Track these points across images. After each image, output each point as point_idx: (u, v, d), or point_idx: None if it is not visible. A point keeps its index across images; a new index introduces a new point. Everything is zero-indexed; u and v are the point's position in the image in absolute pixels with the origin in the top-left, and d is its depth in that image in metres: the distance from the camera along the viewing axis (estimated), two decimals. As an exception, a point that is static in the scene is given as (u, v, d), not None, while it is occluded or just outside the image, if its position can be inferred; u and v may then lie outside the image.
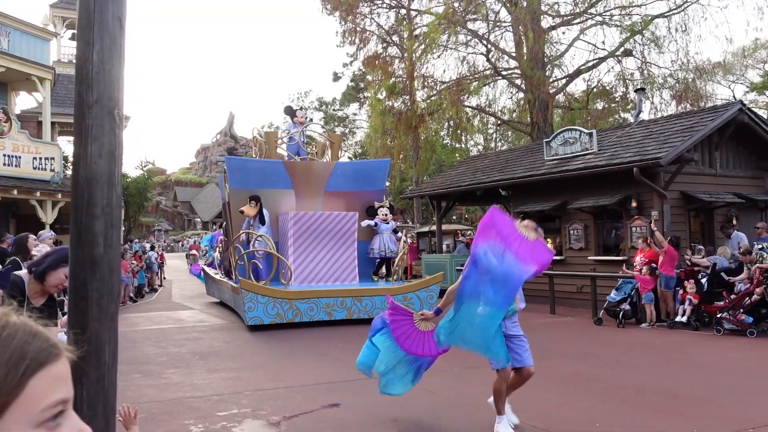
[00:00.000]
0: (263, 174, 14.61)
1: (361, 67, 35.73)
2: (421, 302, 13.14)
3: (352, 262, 14.32)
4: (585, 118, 26.33)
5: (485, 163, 21.25)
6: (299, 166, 15.09)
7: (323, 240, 14.06)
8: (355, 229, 14.32)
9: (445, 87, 25.78)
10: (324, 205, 15.07)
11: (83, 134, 2.33)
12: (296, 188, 14.97)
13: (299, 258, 13.94)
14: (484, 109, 27.92)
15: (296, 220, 13.93)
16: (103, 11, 2.33)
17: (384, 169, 15.88)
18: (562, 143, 16.71)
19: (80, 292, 2.32)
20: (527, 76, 23.22)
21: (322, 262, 14.08)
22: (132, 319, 14.66)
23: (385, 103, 28.60)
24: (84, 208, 2.32)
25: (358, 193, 15.31)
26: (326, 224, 14.05)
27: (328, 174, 15.17)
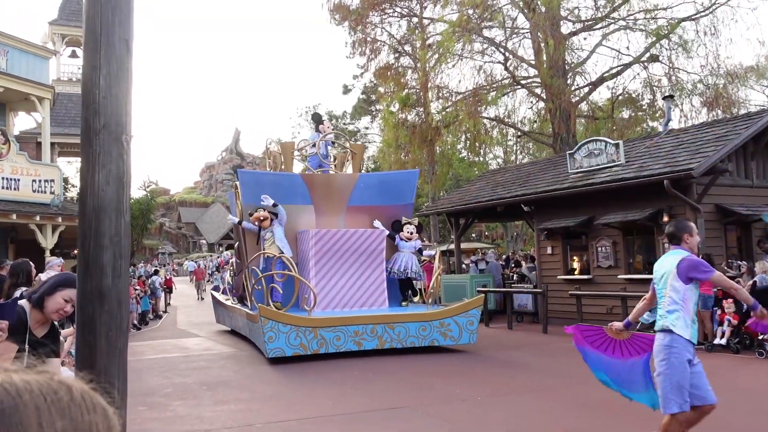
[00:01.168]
0: (279, 188, 14.08)
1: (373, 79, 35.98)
2: (460, 329, 12.56)
3: (381, 285, 13.69)
4: (610, 128, 26.28)
5: (506, 177, 21.24)
6: (319, 179, 14.58)
7: (348, 260, 13.49)
8: (383, 248, 13.73)
9: (461, 98, 25.88)
10: (346, 222, 14.51)
11: (90, 161, 2.37)
12: (316, 203, 14.44)
13: (322, 281, 13.34)
14: (503, 120, 27.97)
15: (318, 238, 13.31)
16: (110, 34, 2.39)
17: (412, 181, 15.23)
18: (587, 155, 16.67)
19: (88, 326, 2.35)
20: (547, 85, 23.27)
21: (347, 285, 13.49)
22: (135, 347, 14.71)
23: (398, 116, 28.75)
24: (92, 239, 2.36)
25: (384, 208, 14.70)
26: (351, 243, 13.45)
27: (350, 187, 14.62)
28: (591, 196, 16.00)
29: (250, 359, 12.41)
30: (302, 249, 14.00)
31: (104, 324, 2.34)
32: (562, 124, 23.57)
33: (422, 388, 9.21)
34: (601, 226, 15.81)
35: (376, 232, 13.68)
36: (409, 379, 9.89)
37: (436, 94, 27.15)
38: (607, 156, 16.17)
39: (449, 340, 12.55)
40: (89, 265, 2.36)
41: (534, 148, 38.48)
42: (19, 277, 6.50)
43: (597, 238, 16.22)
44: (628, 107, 27.42)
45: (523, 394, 8.74)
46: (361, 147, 17.71)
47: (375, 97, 39.42)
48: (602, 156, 16.30)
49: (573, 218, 16.61)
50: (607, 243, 15.96)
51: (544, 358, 11.92)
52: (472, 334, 12.69)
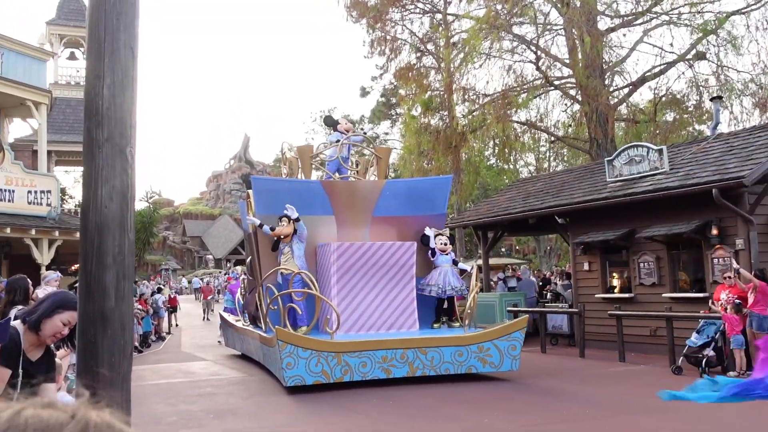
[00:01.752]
0: (297, 197, 13.80)
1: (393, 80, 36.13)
2: (501, 354, 12.17)
3: (411, 304, 13.34)
4: (653, 133, 26.13)
5: (538, 186, 21.19)
6: (341, 187, 14.37)
7: (374, 277, 13.17)
8: (413, 263, 13.37)
9: (488, 100, 25.91)
10: (371, 234, 14.23)
11: (93, 176, 2.42)
12: (337, 214, 14.21)
13: (345, 300, 13.00)
14: (535, 125, 27.91)
15: (340, 252, 13.02)
16: (115, 40, 2.45)
17: (445, 188, 14.96)
18: (627, 162, 16.60)
19: (90, 352, 2.39)
20: (583, 86, 23.22)
21: (373, 305, 13.13)
22: (137, 371, 14.83)
23: (420, 120, 28.84)
24: (94, 257, 2.41)
25: (413, 219, 14.41)
26: (377, 257, 13.14)
27: (376, 195, 14.36)
28: (632, 207, 15.90)
29: (261, 386, 12.45)
30: (322, 264, 13.73)
31: (107, 349, 2.39)
32: (600, 128, 23.49)
33: (449, 418, 9.18)
34: (644, 239, 15.71)
35: (405, 245, 13.38)
36: (435, 408, 9.87)
37: (461, 97, 27.20)
38: (650, 163, 16.09)
39: (489, 366, 12.18)
40: (91, 286, 2.41)
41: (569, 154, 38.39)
42: (15, 294, 6.57)
43: (639, 253, 16.10)
44: (673, 109, 27.26)
45: (559, 424, 8.68)
46: (387, 150, 17.18)
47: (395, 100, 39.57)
48: (644, 163, 16.21)
49: (612, 231, 16.52)
50: (650, 258, 15.84)
51: (582, 385, 11.84)
52: (514, 360, 12.28)
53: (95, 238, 2.41)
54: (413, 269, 13.42)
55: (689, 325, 13.66)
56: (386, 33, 29.74)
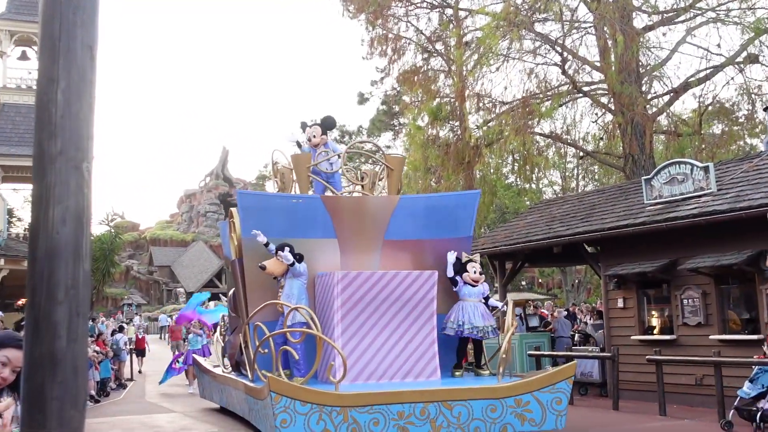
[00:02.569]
0: (293, 215, 13.40)
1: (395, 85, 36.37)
2: (543, 409, 11.59)
3: (431, 347, 12.75)
4: (698, 147, 26.24)
5: (564, 209, 21.22)
6: (346, 204, 13.94)
7: (386, 314, 12.62)
8: (434, 296, 12.78)
9: (507, 109, 26.04)
10: (382, 261, 13.72)
11: (44, 195, 2.42)
12: (341, 236, 13.70)
13: (351, 342, 12.43)
14: (561, 137, 28.02)
15: (346, 283, 12.43)
16: (71, 39, 2.46)
17: (471, 205, 14.50)
18: (668, 181, 16.65)
19: (36, 401, 2.38)
20: (617, 93, 23.34)
21: (385, 348, 12.59)
22: (93, 425, 14.75)
23: (427, 132, 28.96)
24: (43, 290, 2.40)
25: (433, 242, 13.97)
26: (390, 290, 12.58)
27: (388, 214, 13.84)
28: (673, 235, 15.91)
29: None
30: (323, 298, 13.14)
31: (56, 398, 2.38)
32: (636, 141, 23.58)
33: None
34: (688, 272, 15.70)
35: (424, 275, 12.79)
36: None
37: (475, 105, 27.35)
38: (694, 182, 16.13)
39: (528, 424, 11.58)
40: (39, 324, 2.41)
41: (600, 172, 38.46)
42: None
43: (682, 288, 16.08)
44: (720, 120, 27.38)
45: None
46: (400, 160, 16.36)
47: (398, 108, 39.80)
48: (687, 182, 16.26)
49: (651, 262, 16.52)
50: (695, 294, 15.82)
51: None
52: (559, 417, 11.70)
53: (45, 268, 2.41)
54: (434, 304, 12.81)
55: (741, 373, 13.59)
56: (388, 30, 29.94)
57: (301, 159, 14.75)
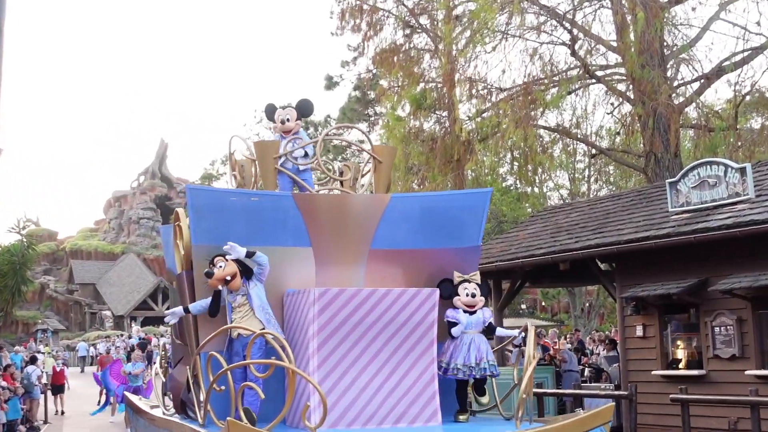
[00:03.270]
0: (257, 218, 12.77)
1: (371, 67, 36.26)
2: None
3: (430, 385, 12.05)
4: (733, 145, 26.36)
5: (572, 218, 21.27)
6: (324, 204, 13.32)
7: (375, 342, 11.99)
8: (434, 320, 12.12)
9: (505, 97, 26.05)
10: (368, 277, 13.09)
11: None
12: (317, 245, 13.02)
13: (331, 377, 11.80)
14: (569, 132, 28.12)
15: (325, 304, 11.74)
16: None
17: (480, 207, 13.81)
18: (697, 185, 16.74)
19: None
20: (637, 79, 23.45)
21: (373, 386, 11.94)
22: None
23: (409, 123, 28.97)
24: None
25: (433, 254, 13.34)
26: (380, 313, 11.95)
27: (376, 218, 13.14)
28: (704, 249, 15.98)
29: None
30: (294, 321, 12.52)
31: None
32: (659, 137, 23.69)
33: None
34: (720, 294, 15.75)
35: (421, 294, 12.17)
36: None
37: (467, 91, 27.34)
38: (729, 187, 16.22)
39: None
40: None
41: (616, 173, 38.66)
42: None
43: (713, 314, 16.15)
44: (760, 112, 27.59)
45: None
46: (390, 151, 15.91)
47: (374, 94, 39.70)
48: (721, 187, 16.36)
49: (676, 282, 16.58)
50: (728, 321, 15.90)
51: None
52: None
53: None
54: (434, 330, 12.14)
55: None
56: (363, 1, 29.93)
57: (267, 147, 14.18)
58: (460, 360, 12.34)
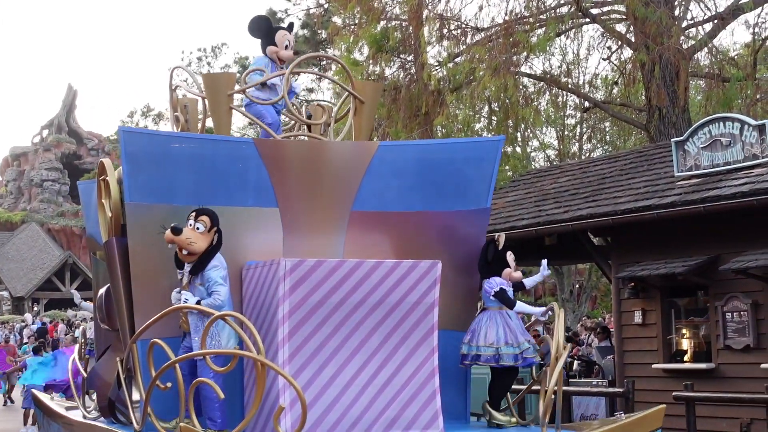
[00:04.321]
0: (209, 170, 12.00)
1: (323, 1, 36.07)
2: None
3: (429, 382, 11.38)
4: (750, 98, 26.57)
5: (561, 183, 21.34)
6: (295, 153, 12.60)
7: (360, 329, 11.26)
8: (434, 301, 11.44)
9: (482, 39, 26.09)
10: (347, 246, 12.44)
11: None
12: (285, 205, 12.24)
13: (306, 372, 11.02)
14: (558, 81, 28.18)
15: (298, 279, 10.98)
16: None
17: (491, 159, 13.18)
18: (708, 145, 16.83)
19: None
20: (639, 18, 23.50)
21: (358, 383, 11.21)
22: None
23: (367, 69, 28.88)
24: None
25: (430, 217, 12.65)
26: (367, 291, 11.25)
27: (360, 171, 12.46)
28: (715, 221, 16.12)
29: None
30: (257, 302, 11.77)
31: None
32: (664, 89, 23.80)
33: None
34: (733, 273, 15.86)
35: (421, 268, 11.41)
36: None
37: (437, 31, 27.30)
38: (745, 147, 16.32)
39: None
40: None
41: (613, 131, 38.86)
42: None
43: (725, 297, 16.30)
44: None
45: None
46: (375, 88, 15.25)
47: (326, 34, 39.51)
48: (735, 147, 16.46)
49: (682, 260, 16.70)
50: (742, 305, 16.04)
51: None
52: None
53: None
54: (434, 313, 11.48)
55: (804, 416, 13.90)
56: None
57: (219, 81, 13.44)
58: (483, 340, 11.72)
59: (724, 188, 15.86)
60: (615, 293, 18.75)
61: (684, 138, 17.43)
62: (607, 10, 26.61)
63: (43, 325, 51.58)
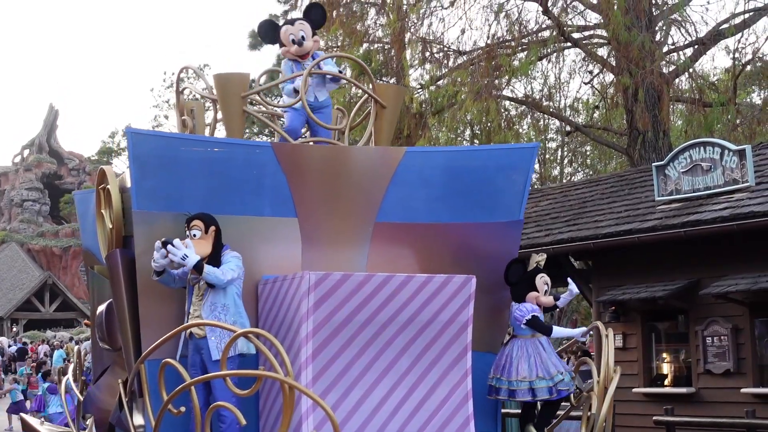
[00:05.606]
0: (223, 176, 11.14)
1: (305, 23, 36.10)
2: None
3: (463, 405, 10.72)
4: (731, 122, 26.62)
5: (542, 206, 21.34)
6: (316, 158, 11.70)
7: (390, 348, 10.57)
8: (468, 319, 10.79)
9: (465, 62, 26.07)
10: (371, 259, 11.62)
11: None
12: (304, 215, 11.45)
13: (331, 394, 10.30)
14: (540, 105, 28.21)
15: (322, 294, 10.27)
16: None
17: (525, 168, 12.42)
18: (689, 169, 16.85)
19: None
20: (621, 43, 23.54)
21: (388, 407, 10.56)
22: None
23: (350, 91, 28.84)
24: None
25: (458, 229, 11.88)
26: (397, 307, 10.52)
27: (385, 179, 11.65)
28: (695, 245, 16.11)
29: None
30: (276, 319, 10.94)
31: None
32: (646, 113, 23.81)
33: None
34: (713, 298, 15.87)
35: (454, 283, 10.70)
36: None
37: (419, 55, 27.32)
38: (725, 172, 16.34)
39: None
40: None
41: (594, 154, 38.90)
42: None
43: (705, 321, 16.30)
44: (763, 86, 27.88)
45: None
46: (398, 92, 14.15)
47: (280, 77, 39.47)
48: (716, 172, 16.48)
49: (662, 284, 16.68)
50: (722, 330, 16.05)
51: None
52: None
53: None
54: (468, 332, 10.78)
55: (784, 441, 13.89)
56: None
57: (232, 82, 12.35)
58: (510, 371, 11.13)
59: (705, 213, 15.88)
60: (596, 317, 18.67)
61: (665, 162, 17.46)
62: (588, 34, 26.70)
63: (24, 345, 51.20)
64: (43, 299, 71.06)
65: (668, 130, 25.18)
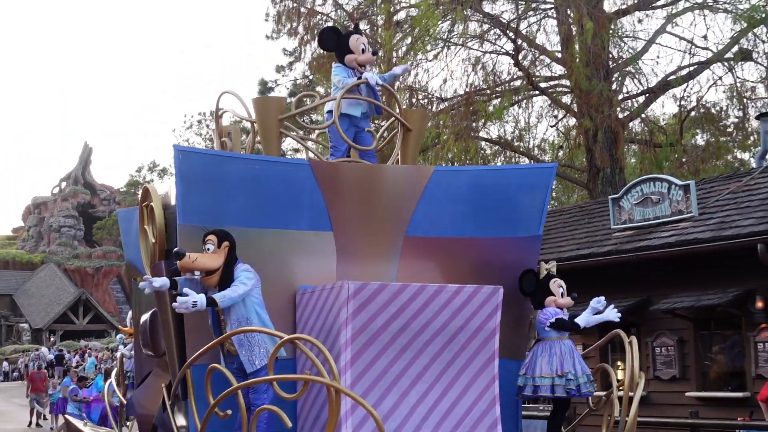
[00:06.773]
0: (263, 192, 10.66)
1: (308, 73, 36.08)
2: None
3: (491, 409, 10.27)
4: (677, 161, 26.68)
5: (513, 233, 21.36)
6: (351, 176, 11.26)
7: (422, 355, 10.15)
8: (496, 327, 10.34)
9: (446, 107, 26.12)
10: (401, 271, 11.18)
11: None
12: (339, 229, 11.02)
13: (368, 398, 9.73)
14: (512, 144, 28.21)
15: (360, 303, 9.86)
16: None
17: (543, 187, 12.06)
18: (640, 202, 16.91)
19: None
20: (583, 91, 23.58)
21: (421, 410, 10.14)
22: None
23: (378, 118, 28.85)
24: None
25: (482, 243, 11.45)
26: (430, 316, 10.10)
27: (415, 196, 11.25)
28: (645, 268, 16.18)
29: None
30: (314, 327, 10.42)
31: None
32: (605, 152, 23.87)
33: None
34: (661, 314, 15.94)
35: (483, 293, 10.25)
36: None
37: (406, 101, 27.33)
38: (672, 204, 16.41)
39: None
40: None
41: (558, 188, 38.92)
42: None
43: (654, 334, 16.36)
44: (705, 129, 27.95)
45: None
46: (422, 115, 14.11)
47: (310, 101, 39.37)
48: (663, 204, 16.54)
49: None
50: (669, 341, 16.08)
51: None
52: None
53: None
54: (495, 340, 10.31)
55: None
56: (300, 3, 29.81)
57: (269, 104, 11.98)
58: (538, 371, 10.71)
59: (654, 239, 15.96)
60: (559, 330, 18.70)
61: (619, 195, 17.54)
62: (554, 84, 26.77)
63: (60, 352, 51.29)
64: (77, 313, 70.79)
65: (623, 167, 25.26)
